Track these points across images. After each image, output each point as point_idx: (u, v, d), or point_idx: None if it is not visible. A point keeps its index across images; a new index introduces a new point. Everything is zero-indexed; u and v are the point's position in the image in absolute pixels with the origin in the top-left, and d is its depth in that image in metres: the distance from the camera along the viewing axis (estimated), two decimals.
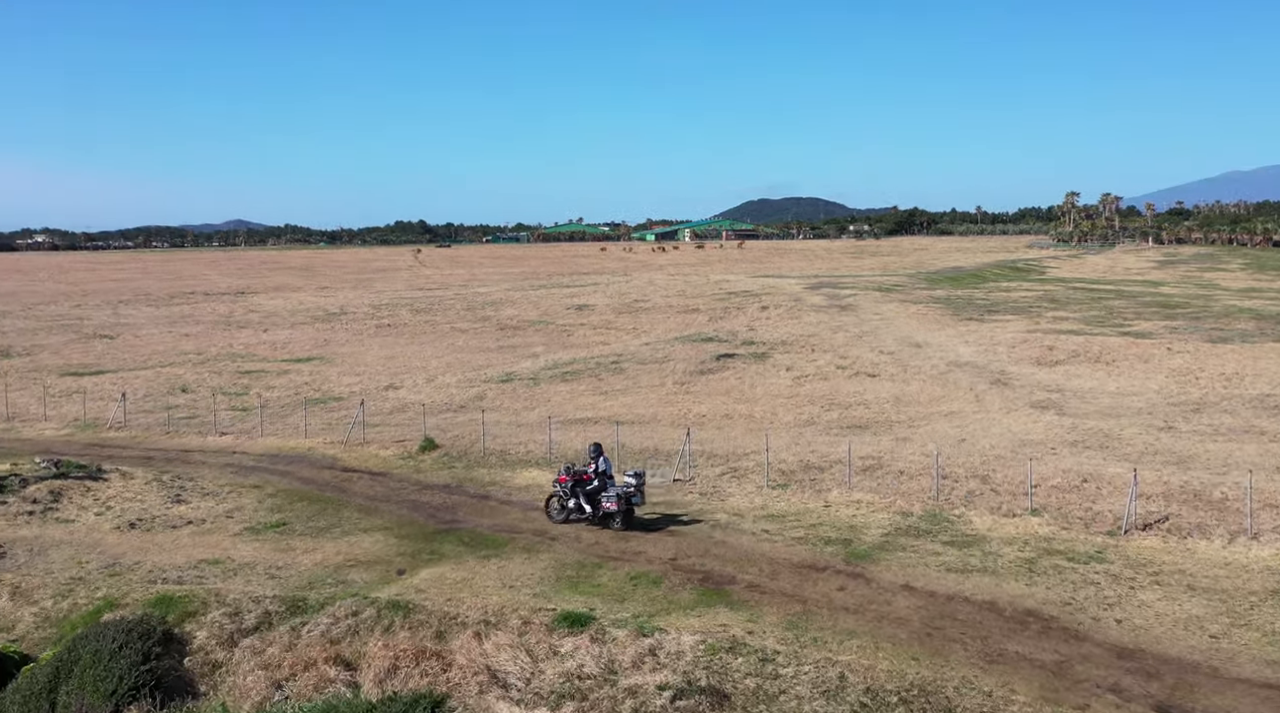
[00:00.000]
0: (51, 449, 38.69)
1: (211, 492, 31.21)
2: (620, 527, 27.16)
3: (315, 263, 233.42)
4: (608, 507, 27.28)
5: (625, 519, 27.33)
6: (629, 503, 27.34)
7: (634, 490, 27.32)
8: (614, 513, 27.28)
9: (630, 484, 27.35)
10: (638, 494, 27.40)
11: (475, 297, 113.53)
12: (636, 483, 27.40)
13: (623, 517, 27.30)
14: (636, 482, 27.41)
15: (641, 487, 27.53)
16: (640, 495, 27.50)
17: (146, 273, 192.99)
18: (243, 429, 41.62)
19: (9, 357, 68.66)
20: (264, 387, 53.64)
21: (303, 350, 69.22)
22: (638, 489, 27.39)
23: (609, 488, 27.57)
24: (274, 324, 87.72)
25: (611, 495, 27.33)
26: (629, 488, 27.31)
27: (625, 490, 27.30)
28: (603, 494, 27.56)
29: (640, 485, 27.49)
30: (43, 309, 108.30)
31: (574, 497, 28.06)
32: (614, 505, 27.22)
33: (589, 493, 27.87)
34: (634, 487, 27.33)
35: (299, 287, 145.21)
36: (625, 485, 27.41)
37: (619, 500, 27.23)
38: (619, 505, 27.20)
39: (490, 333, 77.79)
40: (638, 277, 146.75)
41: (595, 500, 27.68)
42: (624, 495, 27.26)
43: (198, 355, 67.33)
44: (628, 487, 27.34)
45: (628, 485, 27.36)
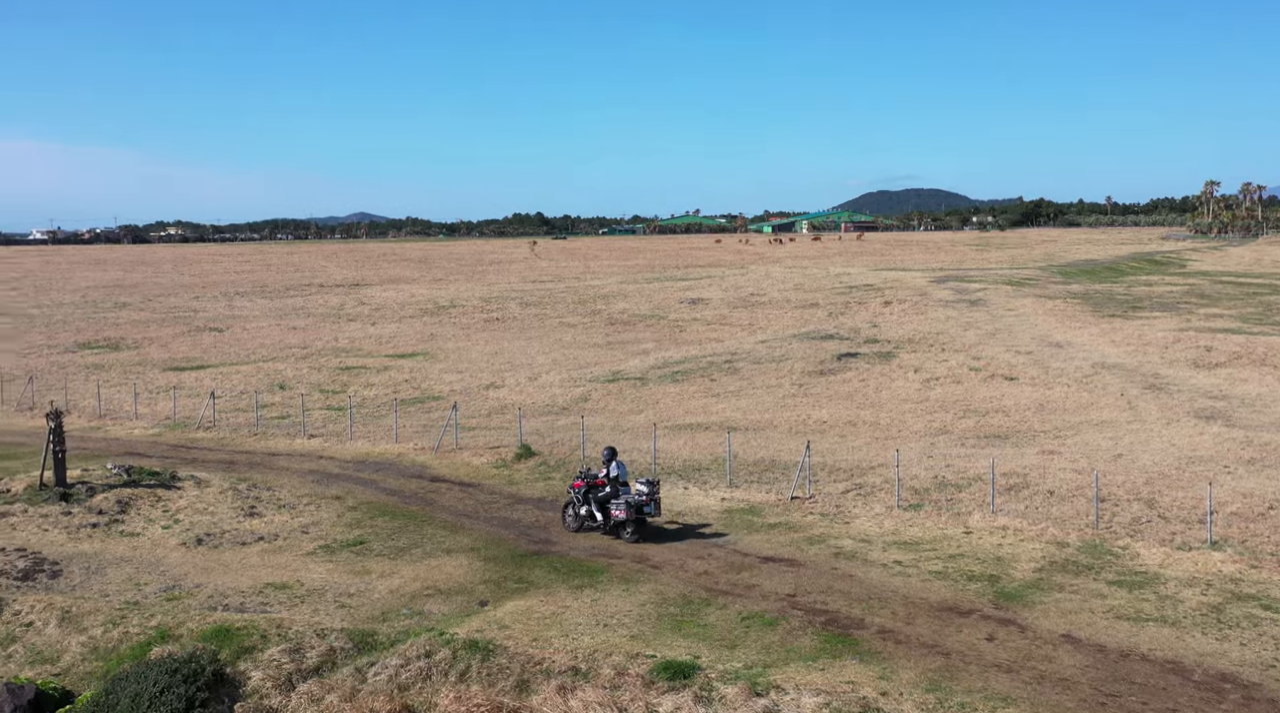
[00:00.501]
0: (136, 450, 36.97)
1: (288, 503, 28.85)
2: (632, 537, 25.90)
3: (432, 255, 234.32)
4: (617, 515, 26.05)
5: (637, 529, 26.02)
6: (640, 512, 26.00)
7: (646, 500, 25.99)
8: (624, 522, 26.02)
9: (643, 493, 26.01)
10: (651, 504, 26.06)
11: (587, 290, 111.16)
12: (649, 492, 26.01)
13: (634, 526, 26.00)
14: (649, 491, 26.02)
15: (656, 497, 26.13)
16: (655, 506, 26.14)
17: (267, 265, 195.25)
18: (333, 431, 39.42)
19: (118, 350, 68.16)
20: (362, 384, 51.64)
21: (407, 345, 67.37)
22: (651, 499, 26.03)
23: (620, 495, 26.31)
24: (382, 317, 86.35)
25: (621, 504, 26.00)
26: (641, 496, 25.95)
27: (637, 499, 25.92)
28: (613, 502, 26.25)
29: (654, 495, 26.07)
30: (161, 301, 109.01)
31: (586, 504, 26.91)
32: (623, 514, 25.94)
33: (600, 500, 26.62)
34: (646, 496, 25.99)
35: (413, 279, 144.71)
36: (638, 494, 26.00)
37: (628, 509, 25.87)
38: (628, 514, 25.90)
39: (599, 328, 75.11)
40: (754, 270, 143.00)
41: (606, 508, 26.44)
42: (635, 504, 25.90)
43: (301, 350, 65.93)
44: (640, 495, 25.97)
45: (640, 494, 25.99)
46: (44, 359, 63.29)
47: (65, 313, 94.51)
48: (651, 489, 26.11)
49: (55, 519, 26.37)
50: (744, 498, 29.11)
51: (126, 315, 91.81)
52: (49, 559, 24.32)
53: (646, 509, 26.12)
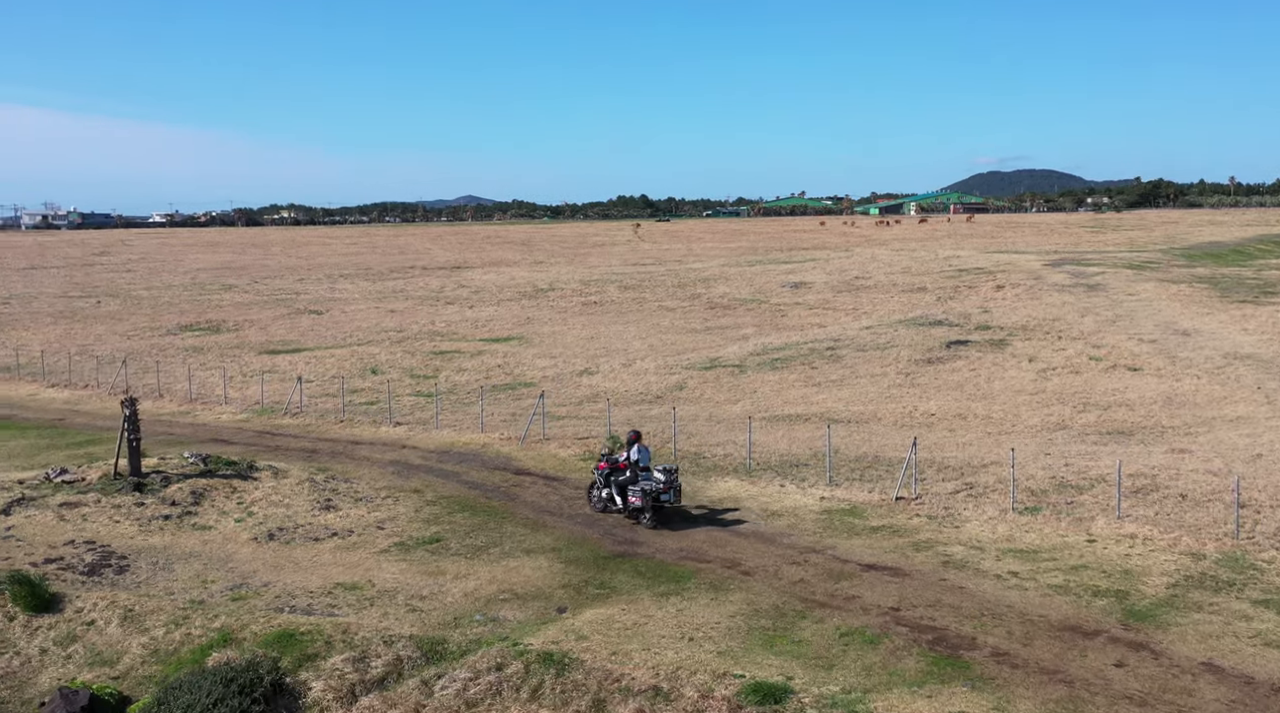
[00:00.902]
0: (221, 436, 36.34)
1: (365, 497, 27.71)
2: (650, 524, 25.66)
3: (535, 237, 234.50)
4: (633, 502, 25.94)
5: (655, 516, 25.77)
6: (657, 500, 25.73)
7: (664, 488, 25.73)
8: (639, 509, 25.87)
9: (660, 480, 25.76)
10: (670, 492, 25.81)
11: (687, 273, 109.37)
12: (666, 480, 25.76)
13: (652, 514, 25.76)
14: (666, 479, 25.77)
15: (676, 484, 25.92)
16: (674, 494, 25.92)
17: (373, 247, 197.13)
18: (419, 419, 38.35)
19: (218, 332, 68.40)
20: (455, 369, 50.65)
21: (503, 329, 66.39)
22: (670, 486, 25.79)
23: (639, 480, 25.96)
24: (480, 301, 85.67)
25: (638, 490, 25.81)
26: (658, 485, 25.69)
27: (654, 487, 25.64)
28: (631, 487, 26.03)
29: (672, 483, 25.83)
30: (267, 283, 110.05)
31: (607, 486, 26.79)
32: (638, 501, 25.81)
33: (620, 485, 26.43)
34: (664, 484, 25.73)
35: (515, 261, 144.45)
36: (655, 482, 25.73)
37: (644, 497, 25.68)
38: (644, 502, 25.72)
39: (698, 312, 73.32)
40: (859, 252, 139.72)
41: (625, 493, 26.28)
42: (651, 492, 25.64)
43: (397, 333, 65.36)
44: (657, 484, 25.70)
45: (657, 482, 25.73)
46: (145, 341, 63.67)
47: (172, 295, 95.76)
48: (669, 477, 25.82)
49: (127, 510, 25.58)
50: (845, 498, 27.20)
51: (230, 297, 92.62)
52: (117, 553, 23.48)
53: (664, 497, 25.81)
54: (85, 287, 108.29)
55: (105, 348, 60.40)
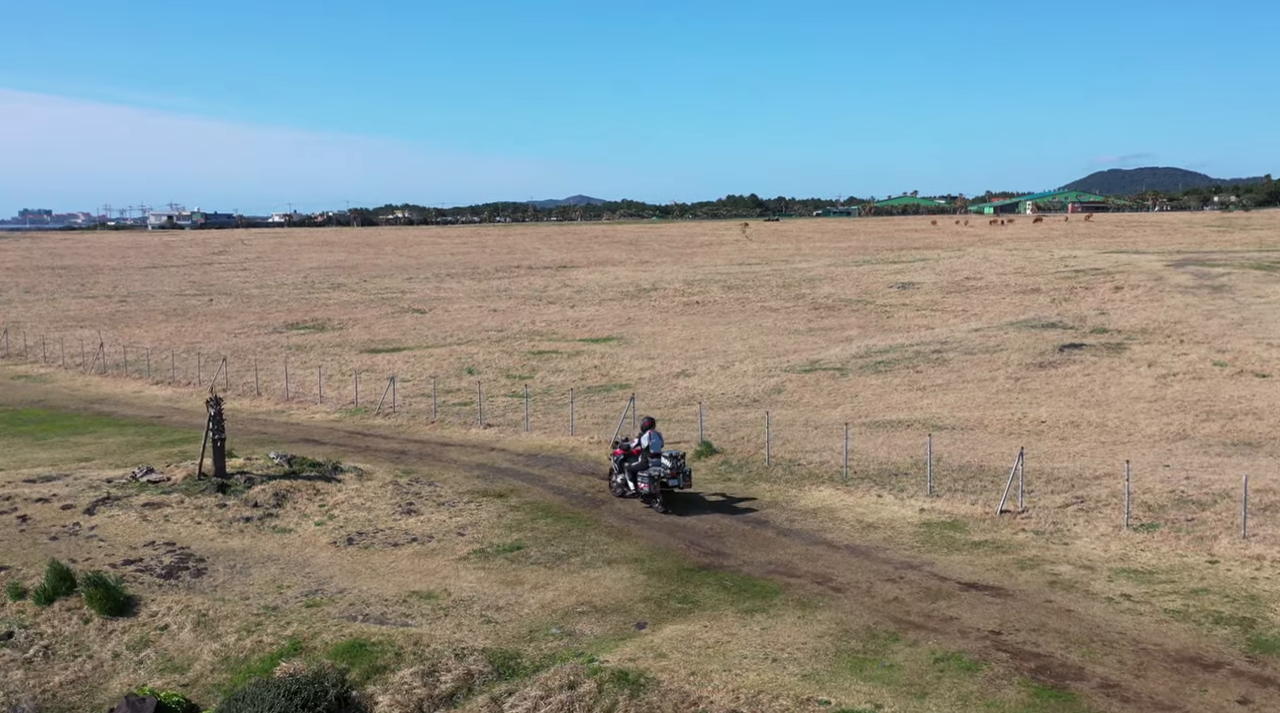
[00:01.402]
0: (312, 436, 36.21)
1: (448, 501, 27.12)
2: (661, 508, 26.44)
3: (643, 237, 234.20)
4: (641, 488, 26.76)
5: (665, 501, 26.62)
6: (665, 485, 26.55)
7: (671, 473, 26.49)
8: (649, 494, 26.72)
9: (666, 466, 26.50)
10: (678, 477, 26.58)
11: (793, 273, 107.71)
12: (672, 466, 26.51)
13: (662, 498, 26.60)
14: (672, 465, 26.52)
15: (683, 470, 26.75)
16: (682, 479, 26.68)
17: (483, 247, 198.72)
18: (510, 421, 37.79)
19: (323, 330, 69.03)
20: (551, 370, 50.11)
21: (603, 329, 65.76)
22: (678, 472, 26.56)
23: (649, 467, 26.78)
24: (582, 300, 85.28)
25: (645, 476, 26.67)
26: (665, 470, 26.45)
27: (662, 472, 26.43)
28: (640, 473, 26.91)
29: (680, 468, 26.63)
30: (375, 282, 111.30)
31: (622, 472, 27.66)
32: (645, 486, 26.63)
33: (633, 470, 27.29)
34: (670, 469, 26.48)
35: (620, 261, 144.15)
36: (662, 468, 26.49)
37: (651, 483, 26.53)
38: (651, 487, 26.53)
39: (802, 313, 71.83)
40: (971, 252, 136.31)
41: (637, 478, 27.13)
42: (657, 478, 26.46)
43: (498, 332, 65.17)
44: (664, 470, 26.46)
45: (664, 468, 26.48)
46: (251, 339, 64.49)
47: (282, 293, 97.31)
48: (675, 463, 26.54)
49: (209, 511, 25.37)
50: (946, 509, 25.80)
51: (338, 296, 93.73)
52: (195, 555, 23.22)
53: (672, 482, 26.52)
54: (201, 285, 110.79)
55: (212, 345, 61.28)
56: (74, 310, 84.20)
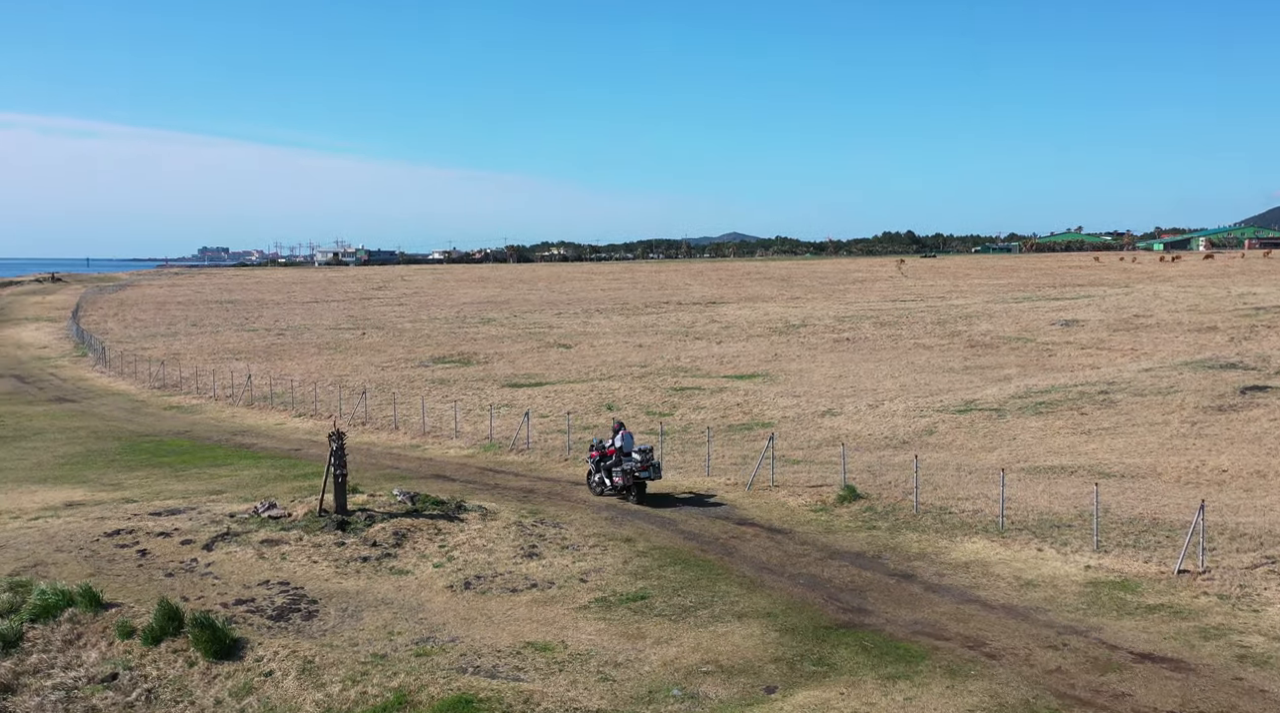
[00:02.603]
0: (444, 471, 35.44)
1: (573, 544, 25.78)
2: (635, 501, 29.01)
3: (795, 273, 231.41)
4: (616, 481, 29.38)
5: (639, 494, 29.11)
6: (636, 478, 28.95)
7: (641, 466, 28.88)
8: (623, 487, 29.36)
9: (636, 460, 28.94)
10: (648, 470, 28.92)
11: (949, 309, 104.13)
12: (642, 460, 28.91)
13: (636, 491, 29.10)
14: (642, 459, 28.93)
15: (652, 462, 29.15)
16: (653, 471, 29.07)
17: (634, 283, 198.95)
18: None
19: (468, 364, 69.01)
20: (691, 407, 48.61)
21: (748, 365, 63.99)
22: (647, 465, 28.92)
23: (621, 464, 29.20)
24: (729, 336, 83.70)
25: (619, 471, 29.20)
26: (636, 464, 28.90)
27: (633, 466, 28.94)
28: (615, 470, 29.32)
29: (649, 461, 29.03)
30: (524, 317, 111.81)
31: (599, 472, 30.13)
32: (620, 480, 29.28)
33: (608, 469, 29.67)
34: (640, 463, 28.90)
35: (771, 297, 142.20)
36: (634, 462, 28.98)
37: (625, 476, 29.11)
38: (625, 481, 29.16)
39: (957, 351, 68.81)
40: (1140, 288, 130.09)
41: (612, 475, 29.56)
42: (630, 471, 28.98)
43: (641, 368, 64.03)
44: (635, 463, 28.93)
45: (635, 462, 28.94)
46: (397, 372, 64.77)
47: (433, 328, 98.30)
48: (645, 456, 29.01)
49: (327, 550, 24.56)
50: (1114, 567, 23.31)
51: (486, 331, 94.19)
52: (308, 596, 22.35)
53: (643, 474, 28.93)
54: (357, 319, 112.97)
55: (359, 378, 61.68)
56: (233, 343, 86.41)
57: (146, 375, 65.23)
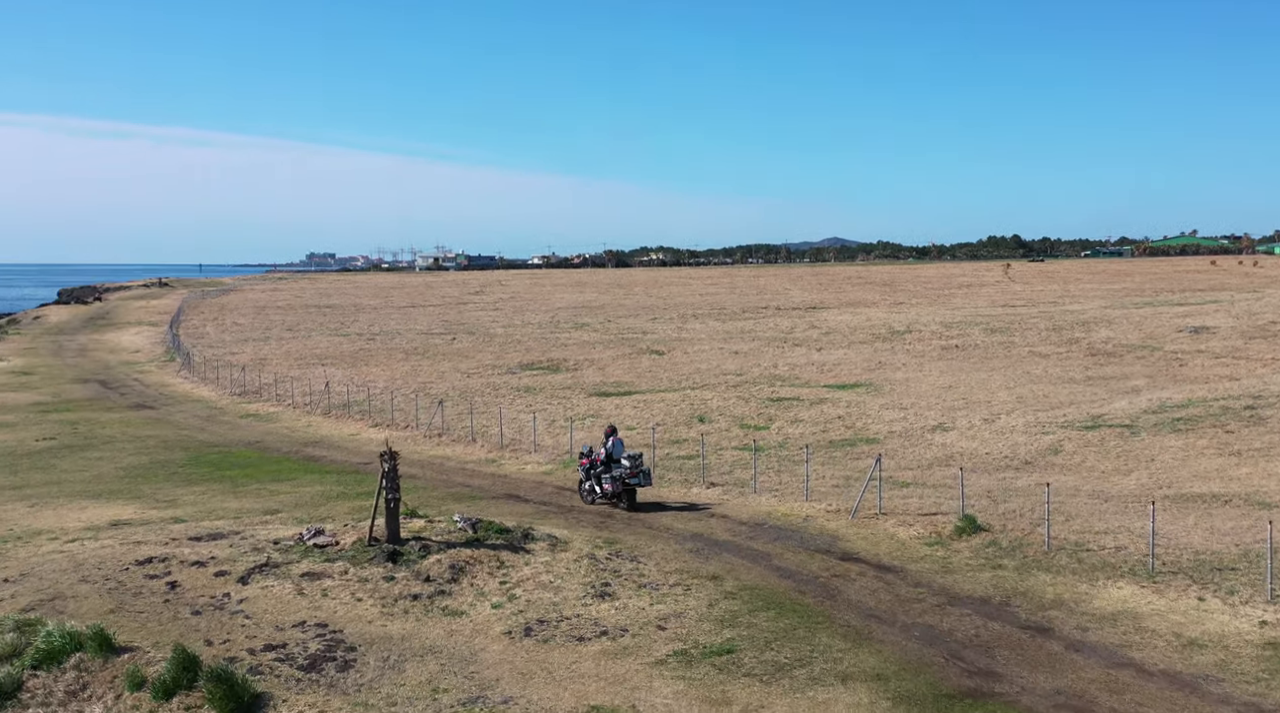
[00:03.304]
0: (517, 491, 32.57)
1: (651, 583, 22.61)
2: (625, 507, 28.61)
3: (898, 278, 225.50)
4: (605, 488, 28.86)
5: (629, 501, 28.72)
6: (625, 484, 28.51)
7: (631, 473, 28.39)
8: (611, 494, 28.85)
9: (625, 467, 28.45)
10: (638, 476, 28.48)
11: (1063, 315, 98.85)
12: (631, 465, 28.44)
13: (626, 498, 28.72)
14: (631, 465, 28.45)
15: (641, 469, 28.66)
16: (643, 477, 28.66)
17: (732, 288, 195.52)
18: (737, 480, 33.11)
19: (556, 371, 66.33)
20: (789, 420, 45.15)
21: (850, 374, 60.21)
22: (636, 471, 28.46)
23: (611, 470, 28.78)
24: (830, 343, 79.87)
25: (608, 478, 28.78)
26: (625, 470, 28.41)
27: (622, 472, 28.44)
28: (605, 476, 28.88)
29: (639, 468, 28.55)
30: (618, 322, 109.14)
31: (589, 479, 29.54)
32: (609, 487, 28.78)
33: (598, 475, 29.18)
34: (629, 469, 28.40)
35: (873, 302, 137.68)
36: (623, 468, 28.46)
37: (614, 483, 28.66)
38: (614, 488, 28.69)
39: (1076, 359, 64.18)
40: (1271, 293, 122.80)
41: (602, 481, 29.05)
42: (619, 478, 28.50)
43: (736, 376, 60.67)
44: (625, 469, 28.43)
45: (624, 468, 28.44)
46: (482, 380, 62.32)
47: (525, 333, 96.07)
48: (634, 463, 28.53)
49: (374, 585, 21.76)
50: None
51: (578, 336, 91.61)
52: (346, 642, 19.54)
53: (632, 481, 28.46)
54: (451, 323, 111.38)
55: (443, 386, 59.38)
56: (322, 348, 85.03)
57: (228, 382, 63.73)
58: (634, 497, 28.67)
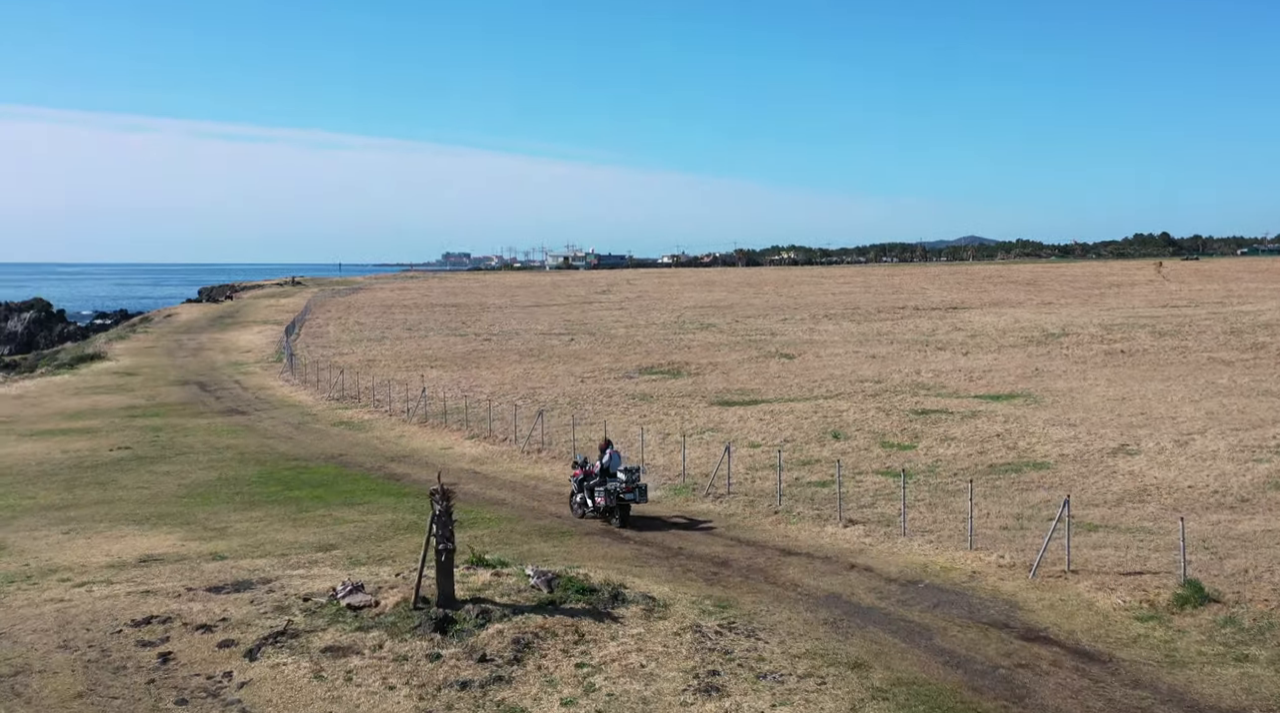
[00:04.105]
0: (614, 528, 27.45)
1: (773, 671, 17.18)
2: (618, 524, 26.80)
3: (1041, 277, 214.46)
4: (598, 502, 27.11)
5: (622, 517, 26.91)
6: (620, 499, 26.79)
7: (626, 488, 26.64)
8: (604, 509, 27.10)
9: (620, 480, 26.72)
10: (633, 492, 26.72)
11: (1238, 317, 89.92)
12: (627, 480, 26.70)
13: (620, 514, 26.90)
14: (627, 479, 26.71)
15: (638, 484, 26.90)
16: (639, 494, 26.84)
17: (866, 287, 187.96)
18: (881, 516, 27.43)
19: (676, 376, 61.14)
20: (938, 437, 39.12)
21: (1003, 383, 53.62)
22: (632, 487, 26.70)
23: (605, 483, 27.01)
24: (977, 346, 72.98)
25: (601, 491, 26.98)
26: (620, 484, 26.68)
27: (617, 487, 26.69)
28: (598, 489, 27.11)
29: (635, 483, 26.80)
30: (746, 322, 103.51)
31: (582, 492, 27.89)
32: (602, 501, 27.02)
33: (591, 489, 27.50)
34: (624, 484, 26.66)
35: (1019, 302, 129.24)
36: (618, 482, 26.73)
37: (607, 496, 26.87)
38: (608, 501, 26.92)
39: (1268, 367, 56.45)
40: None
41: (594, 494, 27.30)
42: (613, 492, 26.76)
43: (875, 384, 54.63)
44: (620, 484, 26.70)
45: (620, 483, 26.72)
46: (596, 385, 57.47)
47: (648, 334, 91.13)
48: (630, 477, 26.68)
49: (413, 667, 16.84)
50: None
51: (703, 337, 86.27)
52: None
53: (627, 496, 26.62)
54: (573, 323, 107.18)
55: (552, 392, 54.75)
56: (434, 349, 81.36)
57: (328, 385, 60.10)
58: (627, 513, 27.02)
